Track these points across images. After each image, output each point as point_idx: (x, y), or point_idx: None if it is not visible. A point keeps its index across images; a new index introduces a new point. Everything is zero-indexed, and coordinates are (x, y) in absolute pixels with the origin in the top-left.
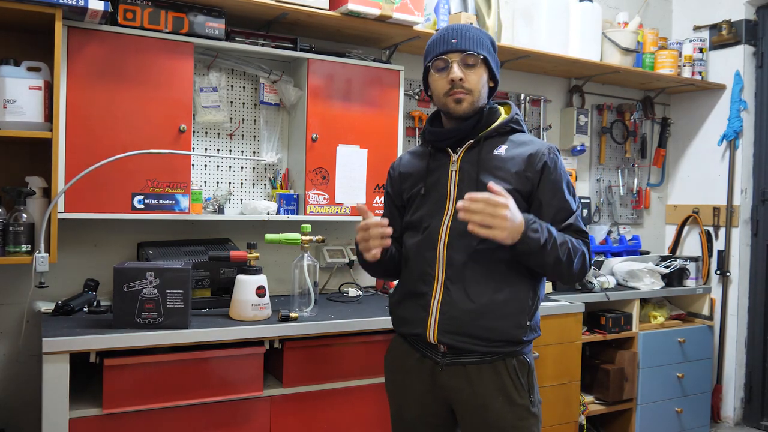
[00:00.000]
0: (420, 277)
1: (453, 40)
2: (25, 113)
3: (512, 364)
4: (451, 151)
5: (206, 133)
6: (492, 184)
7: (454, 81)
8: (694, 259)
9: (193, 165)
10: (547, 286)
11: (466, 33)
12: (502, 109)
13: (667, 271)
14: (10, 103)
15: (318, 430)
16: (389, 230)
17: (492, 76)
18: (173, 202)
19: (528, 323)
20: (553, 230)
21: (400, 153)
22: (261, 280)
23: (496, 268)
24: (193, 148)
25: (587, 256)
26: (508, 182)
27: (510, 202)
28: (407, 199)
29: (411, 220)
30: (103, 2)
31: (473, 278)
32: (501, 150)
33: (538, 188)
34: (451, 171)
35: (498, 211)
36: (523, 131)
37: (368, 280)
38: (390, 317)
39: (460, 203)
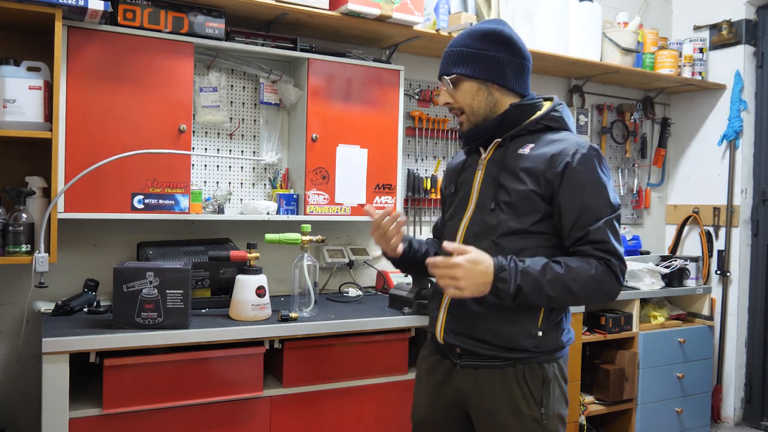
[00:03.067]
0: None
1: (442, 63)
2: (24, 113)
3: (522, 372)
4: (482, 150)
5: (206, 133)
6: (446, 244)
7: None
8: (694, 259)
9: (193, 165)
10: None
11: (449, 52)
12: (545, 104)
13: (667, 271)
14: (10, 103)
15: (318, 430)
16: (400, 216)
17: (490, 78)
18: (173, 202)
19: (539, 333)
20: (538, 267)
21: (400, 153)
22: (261, 280)
23: None
24: (193, 148)
25: (602, 276)
26: (525, 183)
27: (465, 258)
28: (444, 197)
29: (445, 219)
30: (103, 2)
31: None
32: (526, 149)
33: (558, 191)
34: (478, 171)
35: (452, 272)
36: (562, 129)
37: (368, 280)
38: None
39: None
